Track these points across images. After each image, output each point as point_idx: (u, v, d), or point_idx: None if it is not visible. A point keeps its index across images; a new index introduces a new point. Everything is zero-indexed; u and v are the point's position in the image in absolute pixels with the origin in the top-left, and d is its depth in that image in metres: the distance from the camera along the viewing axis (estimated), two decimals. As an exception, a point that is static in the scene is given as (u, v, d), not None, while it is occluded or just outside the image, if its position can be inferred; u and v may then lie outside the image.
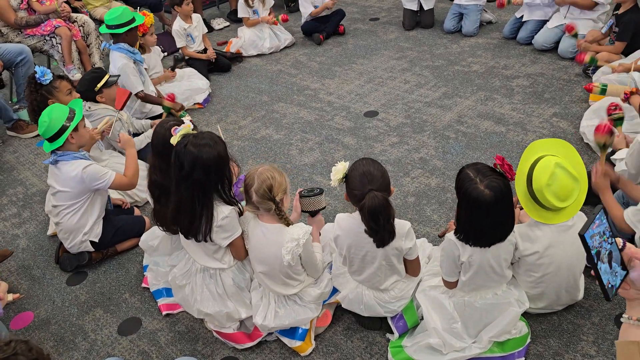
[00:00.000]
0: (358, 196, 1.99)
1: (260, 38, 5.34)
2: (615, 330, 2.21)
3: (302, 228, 2.12)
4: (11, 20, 4.48)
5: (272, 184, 2.06)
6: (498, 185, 1.86)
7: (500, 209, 1.88)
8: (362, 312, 2.28)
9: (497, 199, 1.85)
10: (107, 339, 2.49)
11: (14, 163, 4.02)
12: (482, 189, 1.85)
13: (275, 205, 2.08)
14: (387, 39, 5.38)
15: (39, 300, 2.76)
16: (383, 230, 1.97)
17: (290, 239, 2.09)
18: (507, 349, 2.13)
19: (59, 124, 2.59)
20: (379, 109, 4.11)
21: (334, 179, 2.08)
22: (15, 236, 3.25)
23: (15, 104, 4.64)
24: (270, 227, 2.14)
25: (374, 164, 2.05)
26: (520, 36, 4.80)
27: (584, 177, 2.05)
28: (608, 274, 1.11)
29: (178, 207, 2.13)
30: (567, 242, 2.09)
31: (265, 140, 3.91)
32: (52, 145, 2.63)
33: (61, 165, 2.67)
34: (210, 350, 2.37)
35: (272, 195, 2.06)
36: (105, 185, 2.70)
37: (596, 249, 1.09)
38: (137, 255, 2.95)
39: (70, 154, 2.67)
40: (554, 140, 2.09)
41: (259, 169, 2.10)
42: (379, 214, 1.93)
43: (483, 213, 1.88)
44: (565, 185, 1.95)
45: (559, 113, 3.74)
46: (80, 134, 2.69)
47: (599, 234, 1.11)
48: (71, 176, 2.64)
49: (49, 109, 2.63)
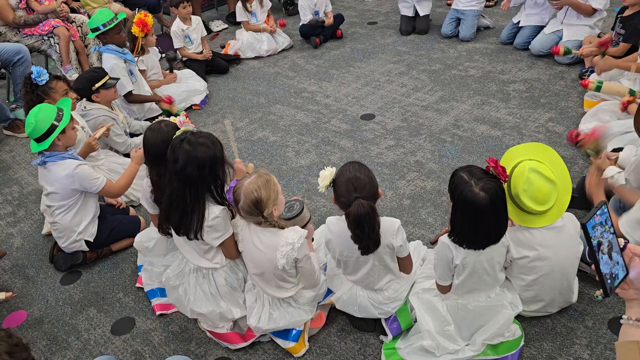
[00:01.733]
0: (344, 203, 1.98)
1: (258, 40, 5.36)
2: (609, 334, 2.21)
3: (297, 232, 2.09)
4: (9, 19, 4.48)
5: (257, 199, 1.99)
6: (492, 187, 1.86)
7: (495, 211, 1.89)
8: (356, 313, 2.28)
9: (492, 201, 1.85)
10: (100, 339, 2.48)
11: (9, 162, 4.01)
12: (477, 191, 1.85)
13: (263, 219, 2.05)
14: (384, 42, 5.40)
15: (33, 299, 2.75)
16: (368, 239, 1.97)
17: (285, 242, 2.06)
18: (500, 351, 2.13)
19: (46, 125, 2.57)
20: (375, 112, 4.12)
21: (321, 185, 2.07)
22: (9, 235, 3.24)
23: (12, 104, 4.64)
24: (264, 230, 2.12)
25: (361, 168, 2.02)
26: (517, 41, 4.82)
27: (564, 179, 2.05)
28: (609, 266, 1.08)
29: (170, 200, 2.13)
30: (559, 245, 2.10)
31: (262, 142, 3.91)
32: (39, 146, 2.62)
33: (50, 166, 2.66)
34: (203, 351, 2.36)
35: (259, 210, 2.01)
36: (95, 189, 2.71)
37: (597, 239, 1.07)
38: (131, 255, 2.94)
39: (58, 154, 2.66)
40: (532, 145, 2.10)
41: (245, 183, 2.03)
42: (364, 222, 1.93)
43: (478, 215, 1.88)
44: (541, 189, 1.97)
45: (555, 118, 3.76)
46: (67, 136, 2.68)
47: (601, 224, 1.08)
48: (62, 175, 2.63)
49: (36, 109, 2.61)
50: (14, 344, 1.46)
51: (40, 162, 2.67)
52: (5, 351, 1.44)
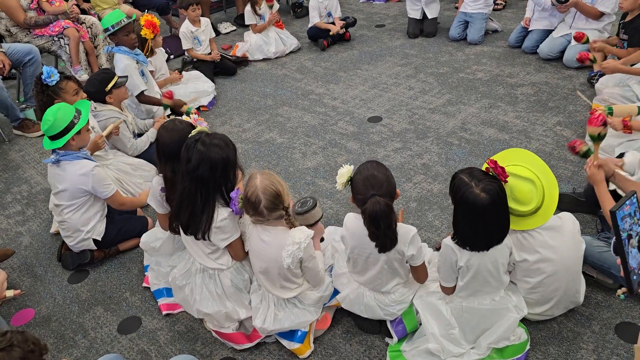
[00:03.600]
0: (361, 200, 1.99)
1: (266, 43, 5.38)
2: (616, 339, 2.20)
3: (304, 232, 2.11)
4: (20, 20, 4.53)
5: (277, 191, 2.05)
6: (493, 188, 1.87)
7: (496, 211, 1.90)
8: (362, 313, 2.28)
9: (493, 202, 1.86)
10: (107, 337, 2.50)
11: (19, 161, 4.05)
12: (478, 192, 1.86)
13: (285, 212, 2.09)
14: (392, 45, 5.40)
15: (41, 297, 2.77)
16: (384, 236, 1.97)
17: (292, 242, 2.08)
18: (506, 355, 2.12)
19: (63, 124, 2.60)
20: (382, 114, 4.12)
21: (339, 183, 2.09)
22: (18, 234, 3.27)
23: (22, 104, 4.68)
24: (272, 229, 2.14)
25: (379, 167, 2.05)
26: (526, 45, 4.81)
27: (545, 174, 2.05)
28: (637, 260, 1.02)
29: (181, 199, 2.14)
30: (561, 244, 2.10)
31: (269, 143, 3.92)
32: (52, 144, 2.65)
33: (64, 164, 2.69)
34: (209, 351, 2.37)
35: (281, 203, 2.06)
36: (105, 195, 2.74)
37: (627, 232, 1.01)
38: (138, 255, 2.96)
39: (73, 153, 2.69)
40: (503, 153, 2.13)
41: (256, 184, 2.04)
42: (379, 219, 1.93)
43: (480, 216, 1.89)
44: (520, 189, 1.99)
45: (562, 122, 3.74)
46: (82, 137, 2.71)
47: (630, 215, 1.02)
48: (78, 174, 2.66)
49: (55, 107, 2.64)
50: (30, 350, 1.43)
51: (55, 160, 2.70)
52: (20, 357, 1.41)
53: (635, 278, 1.01)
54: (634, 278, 1.01)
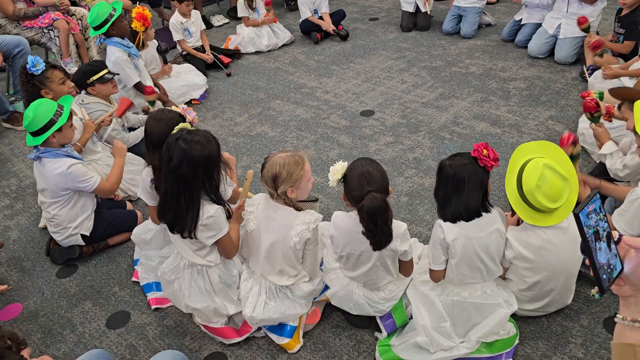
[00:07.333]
0: (357, 197, 1.98)
1: (258, 36, 5.34)
2: (604, 333, 2.21)
3: (313, 215, 2.13)
4: (9, 12, 4.47)
5: (276, 174, 2.06)
6: (460, 159, 2.01)
7: (460, 179, 1.98)
8: (352, 310, 2.28)
9: (456, 169, 1.99)
10: (95, 332, 2.48)
11: (8, 155, 4.01)
12: (448, 162, 2.03)
13: (276, 194, 2.11)
14: (385, 39, 5.38)
15: (28, 292, 2.75)
16: (381, 233, 1.97)
17: (302, 222, 2.10)
18: (495, 349, 2.13)
19: (44, 121, 2.54)
20: (375, 108, 4.11)
21: (332, 179, 2.07)
22: (6, 228, 3.24)
23: (12, 96, 4.63)
24: (282, 208, 2.14)
25: (373, 164, 2.04)
26: (519, 39, 4.80)
27: (573, 177, 2.05)
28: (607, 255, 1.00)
29: (165, 198, 2.12)
30: (563, 245, 2.09)
31: (261, 137, 3.90)
32: (34, 140, 2.60)
33: (44, 162, 2.65)
34: (198, 345, 2.36)
35: (274, 184, 2.08)
36: (89, 188, 2.69)
37: (593, 228, 0.99)
38: (128, 249, 2.94)
39: (53, 150, 2.64)
40: (541, 143, 2.11)
41: (277, 155, 2.11)
42: (377, 215, 1.93)
43: (446, 180, 2.01)
44: (555, 186, 1.96)
45: (554, 116, 3.74)
46: (64, 134, 2.65)
47: (595, 211, 1.01)
48: (55, 174, 2.62)
49: (37, 103, 2.59)
50: (5, 346, 1.38)
51: (35, 157, 2.66)
52: None
53: (604, 277, 0.99)
54: (603, 277, 0.99)
